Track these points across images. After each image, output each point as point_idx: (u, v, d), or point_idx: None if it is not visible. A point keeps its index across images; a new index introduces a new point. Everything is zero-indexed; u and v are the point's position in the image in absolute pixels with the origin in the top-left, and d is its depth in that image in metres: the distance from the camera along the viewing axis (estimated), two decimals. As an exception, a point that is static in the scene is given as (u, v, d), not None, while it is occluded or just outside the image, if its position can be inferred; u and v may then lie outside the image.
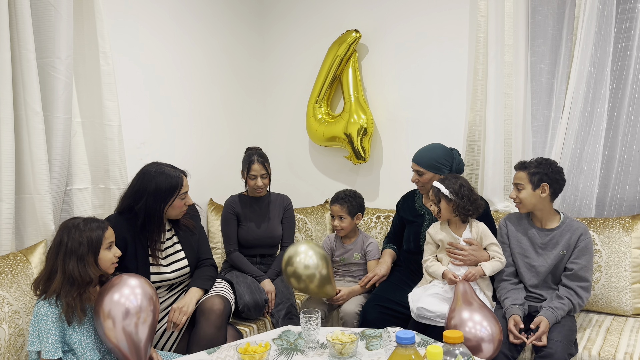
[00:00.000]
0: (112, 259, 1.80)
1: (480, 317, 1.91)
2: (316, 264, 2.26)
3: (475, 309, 1.94)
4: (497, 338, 1.87)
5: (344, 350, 1.69)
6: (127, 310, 1.69)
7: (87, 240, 1.72)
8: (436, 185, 2.22)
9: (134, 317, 1.70)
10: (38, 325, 1.66)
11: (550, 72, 2.62)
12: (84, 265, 1.70)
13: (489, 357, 1.86)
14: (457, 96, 2.92)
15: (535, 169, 2.15)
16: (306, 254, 2.27)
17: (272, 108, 3.71)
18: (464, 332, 1.83)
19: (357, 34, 3.11)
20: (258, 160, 2.62)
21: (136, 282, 1.77)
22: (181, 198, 2.10)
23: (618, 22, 2.42)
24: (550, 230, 2.19)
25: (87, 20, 2.27)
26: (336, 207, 2.67)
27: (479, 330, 1.87)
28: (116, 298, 1.71)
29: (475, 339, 1.86)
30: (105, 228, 1.79)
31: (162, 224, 2.11)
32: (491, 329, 1.87)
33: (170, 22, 2.95)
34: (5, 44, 1.95)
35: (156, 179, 2.05)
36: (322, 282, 2.29)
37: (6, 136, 1.99)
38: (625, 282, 2.28)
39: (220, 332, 2.05)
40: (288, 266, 2.28)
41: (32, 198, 2.10)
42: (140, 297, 1.74)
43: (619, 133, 2.47)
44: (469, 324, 1.89)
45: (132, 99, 2.71)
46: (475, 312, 1.92)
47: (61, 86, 2.15)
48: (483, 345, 1.85)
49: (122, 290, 1.72)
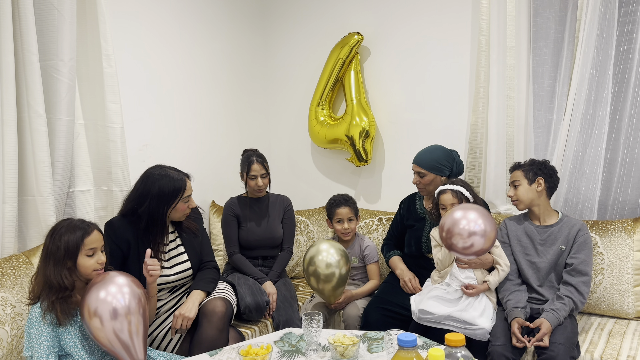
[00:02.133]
0: (93, 265, 1.71)
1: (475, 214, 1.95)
2: (337, 261, 2.32)
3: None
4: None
5: (346, 352, 1.69)
6: (114, 310, 1.60)
7: (64, 244, 1.66)
8: (457, 189, 2.21)
9: (124, 318, 1.61)
10: (30, 330, 1.64)
11: (552, 74, 2.62)
12: (59, 270, 1.65)
13: (482, 250, 1.93)
14: (459, 99, 2.92)
15: (529, 166, 2.24)
16: (328, 251, 2.34)
17: (275, 110, 3.71)
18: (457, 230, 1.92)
19: (359, 37, 3.11)
20: (257, 160, 2.63)
21: (123, 280, 1.68)
22: (184, 201, 2.11)
23: (620, 24, 2.42)
24: (548, 226, 2.23)
25: (90, 23, 2.27)
26: (345, 209, 2.64)
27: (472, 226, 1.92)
28: (102, 296, 1.61)
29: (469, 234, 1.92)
30: (88, 233, 1.71)
31: (165, 226, 2.11)
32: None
33: (173, 25, 2.96)
34: (9, 47, 1.96)
35: (159, 182, 2.05)
36: (340, 282, 2.35)
37: (9, 138, 2.00)
38: (627, 284, 2.27)
39: (222, 335, 2.05)
40: (310, 265, 2.34)
41: (35, 200, 2.11)
42: (128, 296, 1.64)
43: (621, 135, 2.47)
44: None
45: (134, 101, 2.71)
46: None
47: (64, 88, 2.16)
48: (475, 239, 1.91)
49: (107, 288, 1.63)
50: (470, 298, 2.13)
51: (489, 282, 2.16)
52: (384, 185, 3.29)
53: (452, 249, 1.97)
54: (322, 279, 2.32)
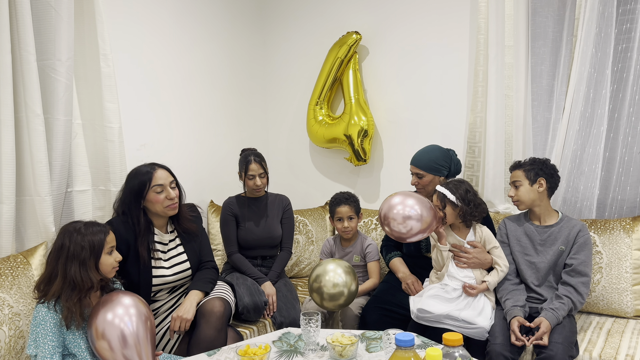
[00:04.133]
0: (112, 263, 1.78)
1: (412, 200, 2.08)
2: (345, 281, 2.27)
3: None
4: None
5: (344, 352, 1.69)
6: (123, 336, 1.61)
7: (89, 244, 1.71)
8: (442, 190, 2.20)
9: (133, 347, 1.62)
10: (36, 329, 1.65)
11: (550, 73, 2.62)
12: (85, 269, 1.69)
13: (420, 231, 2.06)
14: (458, 98, 2.92)
15: (530, 166, 2.22)
16: (335, 272, 2.27)
17: (273, 109, 3.71)
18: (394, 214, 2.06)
19: (358, 36, 3.11)
20: (255, 159, 2.62)
21: (130, 301, 1.69)
22: (156, 191, 2.06)
23: (618, 23, 2.42)
24: (548, 227, 2.22)
25: (88, 22, 2.27)
26: (346, 208, 2.65)
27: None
28: (109, 318, 1.63)
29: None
30: (107, 232, 1.77)
31: (150, 222, 2.11)
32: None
33: (171, 24, 2.95)
34: (6, 46, 1.96)
35: (132, 179, 2.09)
36: (348, 300, 2.31)
37: (7, 138, 1.99)
38: (626, 283, 2.27)
39: (220, 334, 2.04)
40: (314, 283, 2.28)
41: (33, 200, 2.10)
42: (136, 320, 1.65)
43: (619, 134, 2.47)
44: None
45: (132, 101, 2.71)
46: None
47: (62, 88, 2.15)
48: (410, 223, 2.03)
49: (115, 310, 1.64)
50: (469, 297, 2.13)
51: (488, 282, 2.16)
52: (382, 184, 3.29)
53: (393, 235, 2.12)
54: (329, 300, 2.27)
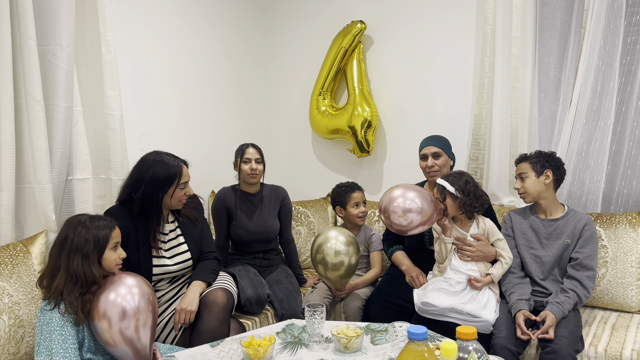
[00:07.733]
0: (116, 259, 1.74)
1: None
2: (346, 250, 2.30)
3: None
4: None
5: (349, 344, 1.67)
6: (123, 311, 1.63)
7: (94, 238, 1.68)
8: (441, 183, 2.19)
9: (132, 319, 1.64)
10: (51, 336, 1.58)
11: (558, 65, 2.59)
12: (88, 263, 1.65)
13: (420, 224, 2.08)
14: (463, 89, 2.89)
15: (536, 158, 2.21)
16: (337, 239, 2.32)
17: (275, 99, 3.67)
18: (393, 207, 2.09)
19: (362, 25, 3.07)
20: (252, 145, 2.60)
21: (133, 281, 1.72)
22: (180, 188, 2.07)
23: (628, 15, 2.39)
24: (554, 220, 2.20)
25: (89, 8, 2.22)
26: (359, 193, 2.70)
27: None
28: (112, 297, 1.65)
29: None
30: (113, 227, 1.74)
31: (161, 213, 2.08)
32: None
33: (173, 12, 2.91)
34: (6, 31, 1.91)
35: (154, 167, 2.03)
36: (349, 270, 2.33)
37: (6, 125, 1.95)
38: (631, 278, 2.26)
39: (223, 325, 2.02)
40: (317, 254, 2.31)
41: (33, 188, 2.07)
42: (138, 297, 1.68)
43: (626, 128, 2.45)
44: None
45: (134, 89, 2.67)
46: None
47: (62, 74, 2.11)
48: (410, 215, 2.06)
49: (118, 290, 1.67)
50: (473, 290, 2.12)
51: (492, 274, 2.14)
52: (385, 176, 3.26)
53: (393, 227, 2.13)
54: (329, 267, 2.30)
